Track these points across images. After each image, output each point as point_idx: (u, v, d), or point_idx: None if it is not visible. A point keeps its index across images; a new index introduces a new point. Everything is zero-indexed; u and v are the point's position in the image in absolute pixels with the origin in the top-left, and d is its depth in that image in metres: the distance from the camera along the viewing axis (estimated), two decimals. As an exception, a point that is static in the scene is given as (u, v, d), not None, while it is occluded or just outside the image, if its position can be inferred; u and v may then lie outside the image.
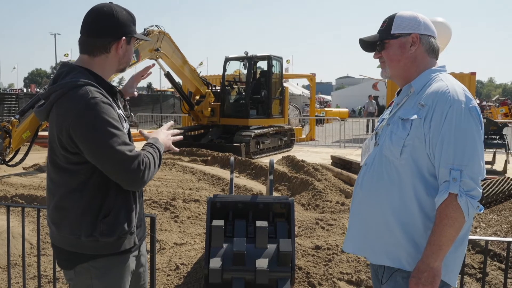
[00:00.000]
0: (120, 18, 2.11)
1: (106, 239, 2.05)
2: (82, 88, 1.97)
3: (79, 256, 2.10)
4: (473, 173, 1.94)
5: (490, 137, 11.83)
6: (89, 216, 2.04)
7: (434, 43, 2.21)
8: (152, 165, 2.06)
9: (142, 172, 1.98)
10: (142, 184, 2.04)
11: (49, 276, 4.38)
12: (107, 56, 2.12)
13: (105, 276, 2.12)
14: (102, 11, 2.10)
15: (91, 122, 1.92)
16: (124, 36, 2.12)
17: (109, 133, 1.93)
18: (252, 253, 3.12)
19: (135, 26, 2.20)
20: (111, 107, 2.00)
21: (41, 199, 6.78)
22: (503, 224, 7.11)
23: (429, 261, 1.96)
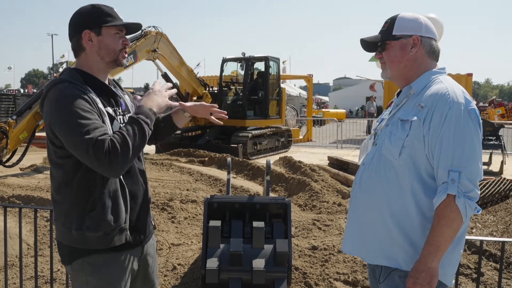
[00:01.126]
0: (80, 15, 2.17)
1: (93, 233, 2.07)
2: (59, 84, 2.07)
3: (74, 252, 2.14)
4: (471, 175, 1.96)
5: (486, 138, 11.87)
6: (78, 209, 2.08)
7: (435, 45, 2.23)
8: (123, 146, 1.95)
9: (109, 158, 1.91)
10: (113, 169, 1.96)
11: (46, 276, 4.38)
12: (85, 53, 2.18)
13: (99, 272, 2.15)
14: (71, 17, 2.21)
15: (61, 114, 1.99)
16: (87, 29, 2.14)
17: (75, 123, 1.95)
18: (249, 253, 3.13)
19: (109, 17, 2.17)
20: (83, 99, 2.02)
21: (38, 200, 6.78)
22: (499, 224, 7.14)
23: (426, 261, 1.98)
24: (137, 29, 2.30)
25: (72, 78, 2.11)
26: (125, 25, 2.21)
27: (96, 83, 2.19)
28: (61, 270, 4.47)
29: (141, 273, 2.39)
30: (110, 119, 2.15)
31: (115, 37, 2.19)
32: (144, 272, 2.41)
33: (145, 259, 2.38)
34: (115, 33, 2.19)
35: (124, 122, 2.23)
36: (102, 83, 2.22)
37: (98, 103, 2.10)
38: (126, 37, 2.27)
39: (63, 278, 4.29)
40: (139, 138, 2.02)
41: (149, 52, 11.64)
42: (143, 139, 2.05)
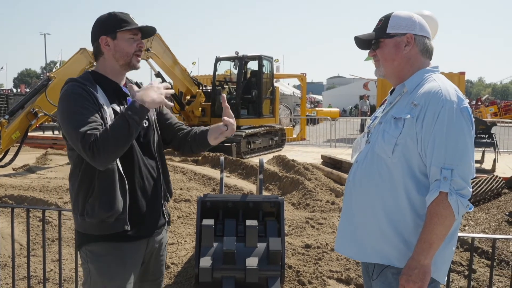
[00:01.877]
0: (97, 23, 2.36)
1: (90, 219, 2.22)
2: (68, 84, 2.28)
3: (80, 239, 2.33)
4: (463, 173, 1.97)
5: (479, 136, 11.93)
6: (81, 197, 2.25)
7: (429, 44, 2.24)
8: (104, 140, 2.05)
9: (92, 150, 2.05)
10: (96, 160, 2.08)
11: (39, 276, 4.36)
12: (104, 57, 2.36)
13: (98, 261, 2.28)
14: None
15: (62, 109, 2.21)
16: (103, 35, 2.32)
17: (70, 117, 2.15)
18: (242, 252, 3.13)
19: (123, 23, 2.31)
20: (83, 97, 2.18)
21: (30, 200, 6.76)
22: (491, 222, 7.18)
23: (419, 258, 1.99)
24: (152, 32, 2.44)
25: (82, 78, 2.30)
26: (138, 28, 2.35)
27: (107, 83, 2.35)
28: (54, 270, 4.46)
29: (146, 267, 2.46)
30: (115, 115, 2.26)
31: (130, 41, 2.34)
32: (148, 267, 2.47)
33: (150, 253, 2.45)
34: (129, 38, 2.33)
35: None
36: (113, 83, 2.36)
37: (100, 98, 2.24)
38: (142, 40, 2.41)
39: (56, 278, 4.28)
40: (122, 133, 2.10)
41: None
42: (127, 134, 2.12)
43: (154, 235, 2.43)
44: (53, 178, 8.79)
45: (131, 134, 2.12)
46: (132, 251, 2.32)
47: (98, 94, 2.24)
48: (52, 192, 7.42)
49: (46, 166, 10.55)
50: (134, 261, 2.34)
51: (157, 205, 2.43)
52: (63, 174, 9.22)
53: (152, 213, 2.40)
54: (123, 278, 2.29)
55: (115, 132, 2.08)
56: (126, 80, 2.45)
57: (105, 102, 2.25)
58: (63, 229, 5.26)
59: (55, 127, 17.89)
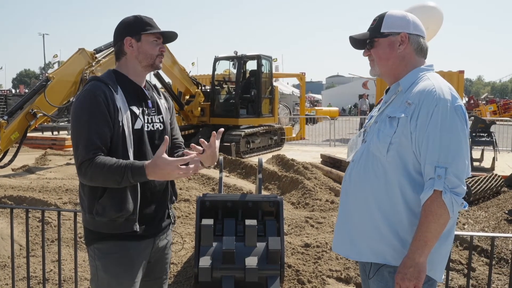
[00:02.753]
0: (123, 24, 2.42)
1: (100, 218, 2.27)
2: (92, 81, 2.34)
3: (89, 236, 2.37)
4: (457, 171, 1.97)
5: (478, 134, 11.94)
6: (91, 195, 2.29)
7: (423, 43, 2.25)
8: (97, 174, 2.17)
9: (84, 170, 2.18)
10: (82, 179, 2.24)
11: (39, 277, 4.36)
12: (126, 57, 2.41)
13: (106, 259, 2.33)
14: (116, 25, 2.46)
15: (74, 109, 2.27)
16: (129, 36, 2.37)
17: (78, 124, 2.23)
18: (242, 251, 3.13)
19: (148, 26, 2.39)
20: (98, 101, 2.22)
21: (30, 200, 6.75)
22: (491, 220, 7.19)
23: (414, 256, 1.99)
24: (174, 38, 2.50)
25: (105, 77, 2.36)
26: (162, 33, 2.41)
27: (130, 85, 2.41)
28: (54, 271, 4.46)
29: (151, 266, 2.50)
30: (134, 117, 2.34)
31: (153, 44, 2.40)
32: (153, 266, 2.52)
33: (156, 252, 2.50)
34: (153, 40, 2.40)
35: (151, 122, 2.43)
36: (134, 84, 2.42)
37: (118, 100, 2.29)
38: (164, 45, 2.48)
39: (55, 278, 4.28)
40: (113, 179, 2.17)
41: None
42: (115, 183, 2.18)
43: (160, 234, 2.50)
44: (52, 178, 8.78)
45: (118, 185, 2.20)
46: (139, 250, 2.37)
47: (118, 95, 2.29)
48: (52, 192, 7.42)
49: (46, 167, 10.54)
50: (141, 259, 2.39)
51: (164, 206, 2.51)
52: (62, 174, 9.22)
53: (160, 214, 2.47)
54: (129, 276, 2.35)
55: (109, 174, 2.16)
56: (146, 83, 2.51)
57: (123, 104, 2.31)
58: (62, 229, 5.26)
59: (54, 128, 17.88)
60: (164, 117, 2.52)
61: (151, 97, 2.49)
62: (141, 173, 2.15)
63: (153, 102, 2.49)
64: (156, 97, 2.54)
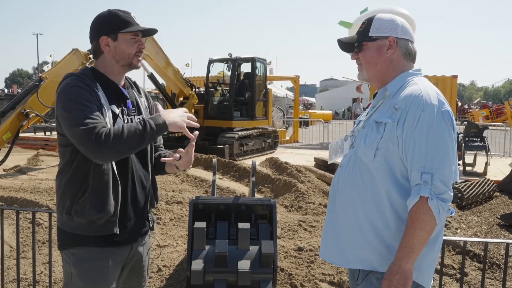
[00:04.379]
0: (98, 21, 2.30)
1: (79, 219, 2.18)
2: (68, 78, 2.21)
3: (64, 239, 2.27)
4: (444, 177, 1.95)
5: (471, 139, 11.99)
6: (70, 195, 2.21)
7: (411, 47, 2.22)
8: (117, 136, 2.05)
9: (104, 139, 2.02)
10: (104, 157, 2.08)
11: (29, 279, 4.32)
12: (103, 56, 2.32)
13: (82, 265, 2.24)
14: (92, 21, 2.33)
15: (62, 101, 2.14)
16: (104, 35, 2.26)
17: (72, 109, 2.09)
18: (234, 254, 3.11)
19: (125, 23, 2.27)
20: (85, 90, 2.15)
21: (21, 201, 6.70)
22: (483, 225, 7.22)
23: (401, 263, 1.97)
24: (153, 33, 2.42)
25: (82, 73, 2.26)
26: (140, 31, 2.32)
27: (108, 83, 2.31)
28: (44, 273, 4.42)
29: (128, 271, 2.43)
30: (114, 117, 2.25)
31: (131, 42, 2.30)
32: (131, 271, 2.44)
33: (133, 257, 2.42)
34: (130, 38, 2.30)
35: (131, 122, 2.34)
36: (112, 83, 2.33)
37: (101, 98, 2.20)
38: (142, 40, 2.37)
39: (46, 280, 4.24)
40: (137, 137, 2.10)
41: (135, 53, 11.54)
42: (141, 141, 2.12)
43: (139, 240, 2.42)
44: (44, 179, 8.73)
45: (142, 142, 2.13)
46: (116, 255, 2.30)
47: (100, 93, 2.21)
48: (43, 193, 7.37)
49: (37, 167, 10.47)
50: (117, 266, 2.33)
51: (145, 211, 2.42)
52: (55, 175, 9.14)
53: (139, 218, 2.39)
54: (106, 283, 2.27)
55: (131, 133, 2.08)
56: (126, 81, 2.43)
57: (105, 102, 2.22)
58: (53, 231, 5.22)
59: (47, 128, 17.78)
60: (144, 117, 2.41)
61: (130, 96, 2.40)
62: (158, 119, 2.17)
63: (132, 102, 2.41)
64: (136, 96, 2.46)
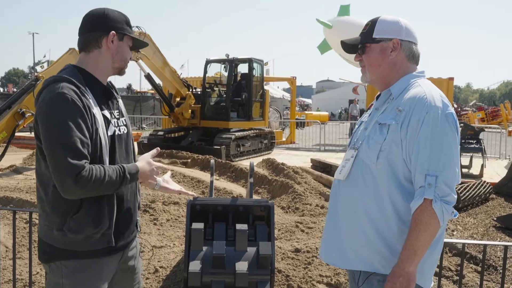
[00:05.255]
0: (110, 15, 2.20)
1: (74, 235, 2.07)
2: (59, 83, 2.03)
3: (54, 252, 2.13)
4: (448, 179, 1.95)
5: (467, 141, 12.02)
6: (61, 210, 2.07)
7: (415, 49, 2.21)
8: (96, 183, 1.98)
9: (76, 185, 1.94)
10: (72, 195, 2.00)
11: (25, 279, 4.29)
12: (99, 51, 2.19)
13: (75, 277, 2.14)
14: (95, 11, 2.22)
15: (50, 116, 1.98)
16: (114, 30, 2.18)
17: (61, 131, 1.95)
18: (232, 256, 3.10)
19: (129, 27, 2.26)
20: (76, 107, 2.00)
21: (17, 201, 6.67)
22: (479, 227, 7.23)
23: (404, 265, 1.97)
24: (141, 47, 2.43)
25: (73, 77, 2.09)
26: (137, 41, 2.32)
27: (96, 84, 2.20)
28: (40, 273, 4.39)
29: (120, 276, 2.37)
30: (106, 123, 2.16)
31: (128, 48, 2.28)
32: (123, 275, 2.39)
33: (125, 262, 2.37)
34: (129, 45, 2.28)
35: (118, 125, 2.26)
36: (101, 85, 2.24)
37: (93, 107, 2.08)
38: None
39: (42, 281, 4.22)
40: (111, 188, 2.06)
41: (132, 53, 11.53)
42: (113, 190, 2.09)
43: (129, 245, 2.39)
44: (40, 179, 8.68)
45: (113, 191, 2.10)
46: (109, 263, 2.25)
47: (90, 100, 2.09)
48: (39, 193, 7.33)
49: (33, 167, 10.41)
50: (110, 274, 2.28)
51: (134, 216, 2.38)
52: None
53: (130, 225, 2.35)
54: None
55: (109, 183, 2.03)
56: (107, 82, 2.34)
57: (97, 110, 2.12)
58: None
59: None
60: (127, 120, 2.38)
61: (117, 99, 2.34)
62: (135, 177, 2.14)
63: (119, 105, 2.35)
64: (117, 98, 2.37)
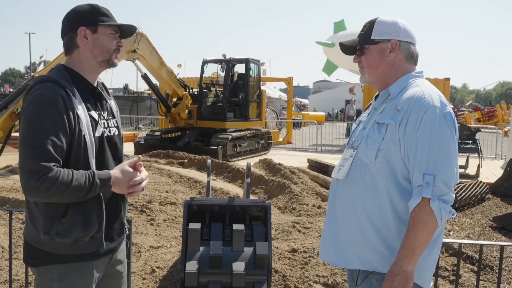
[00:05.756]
0: (76, 12, 2.16)
1: (62, 239, 2.04)
2: (45, 83, 2.02)
3: (42, 256, 2.10)
4: (446, 178, 1.96)
5: (463, 141, 12.06)
6: (49, 214, 2.04)
7: (414, 50, 2.23)
8: (62, 186, 1.92)
9: (46, 185, 1.89)
10: (34, 197, 1.97)
11: (21, 280, 4.28)
12: (78, 50, 2.16)
13: (65, 281, 2.11)
14: (66, 14, 2.19)
15: (28, 115, 1.97)
16: (83, 26, 2.12)
17: (35, 132, 1.94)
18: (229, 256, 3.10)
19: (105, 17, 2.18)
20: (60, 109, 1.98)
21: (13, 202, 6.65)
22: (476, 227, 7.25)
23: (402, 264, 1.98)
24: (131, 33, 2.31)
25: (60, 77, 2.07)
26: (120, 26, 2.21)
27: (84, 84, 2.17)
28: (37, 274, 4.38)
29: (107, 280, 2.34)
30: (94, 124, 2.13)
31: (110, 37, 2.19)
32: (110, 280, 2.35)
33: (112, 266, 2.34)
34: (110, 33, 2.19)
35: (108, 127, 2.22)
36: (89, 85, 2.20)
37: (78, 109, 2.05)
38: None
39: (38, 281, 4.20)
40: (78, 195, 1.99)
41: (128, 53, 11.53)
42: (80, 198, 2.01)
43: (118, 247, 2.35)
44: (37, 179, 8.66)
45: (80, 199, 2.01)
46: (98, 266, 2.22)
47: (76, 100, 2.06)
48: (35, 193, 7.31)
49: (30, 167, 10.39)
50: (98, 276, 2.24)
51: (122, 218, 2.34)
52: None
53: (118, 227, 2.31)
54: None
55: (76, 188, 1.96)
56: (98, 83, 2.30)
57: (83, 110, 2.08)
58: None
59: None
60: (118, 121, 2.34)
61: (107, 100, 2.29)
62: (107, 185, 2.06)
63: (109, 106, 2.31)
64: (108, 99, 2.32)
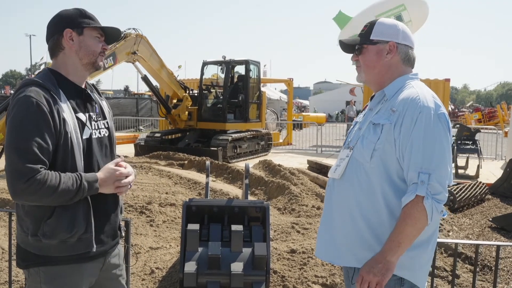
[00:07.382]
0: (62, 15, 2.18)
1: (48, 241, 2.03)
2: (29, 87, 2.03)
3: (31, 258, 2.10)
4: (440, 178, 2.00)
5: (463, 142, 12.06)
6: (35, 215, 2.05)
7: (411, 53, 2.28)
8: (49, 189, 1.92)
9: (33, 188, 1.89)
10: (21, 199, 1.97)
11: (21, 281, 4.30)
12: (64, 53, 2.17)
13: (54, 282, 2.11)
14: (51, 17, 2.20)
15: (13, 118, 1.98)
16: (69, 28, 2.14)
17: (20, 135, 1.94)
18: (227, 257, 3.12)
19: (90, 20, 2.19)
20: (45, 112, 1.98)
21: (13, 203, 6.66)
22: (475, 227, 7.26)
23: (386, 255, 2.02)
24: (116, 38, 2.32)
25: (46, 80, 2.09)
26: (105, 30, 2.23)
27: (71, 87, 2.17)
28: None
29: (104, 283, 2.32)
30: (81, 126, 2.13)
31: (96, 40, 2.21)
32: (107, 283, 2.34)
33: (108, 270, 2.32)
34: (95, 36, 2.21)
35: (97, 128, 2.23)
36: (77, 87, 2.20)
37: (64, 111, 2.06)
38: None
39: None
40: (66, 198, 1.99)
41: (129, 55, 11.56)
42: (68, 201, 2.01)
43: (111, 251, 2.33)
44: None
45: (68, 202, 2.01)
46: (91, 269, 2.20)
47: (62, 103, 2.06)
48: (36, 195, 7.31)
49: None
50: (91, 279, 2.23)
51: (116, 220, 2.32)
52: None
53: (112, 229, 2.29)
54: None
55: (63, 192, 1.96)
56: (87, 84, 2.31)
57: (70, 113, 2.09)
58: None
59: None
60: (109, 122, 2.33)
61: (96, 101, 2.29)
62: (94, 186, 2.06)
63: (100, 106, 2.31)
64: (99, 99, 2.33)
